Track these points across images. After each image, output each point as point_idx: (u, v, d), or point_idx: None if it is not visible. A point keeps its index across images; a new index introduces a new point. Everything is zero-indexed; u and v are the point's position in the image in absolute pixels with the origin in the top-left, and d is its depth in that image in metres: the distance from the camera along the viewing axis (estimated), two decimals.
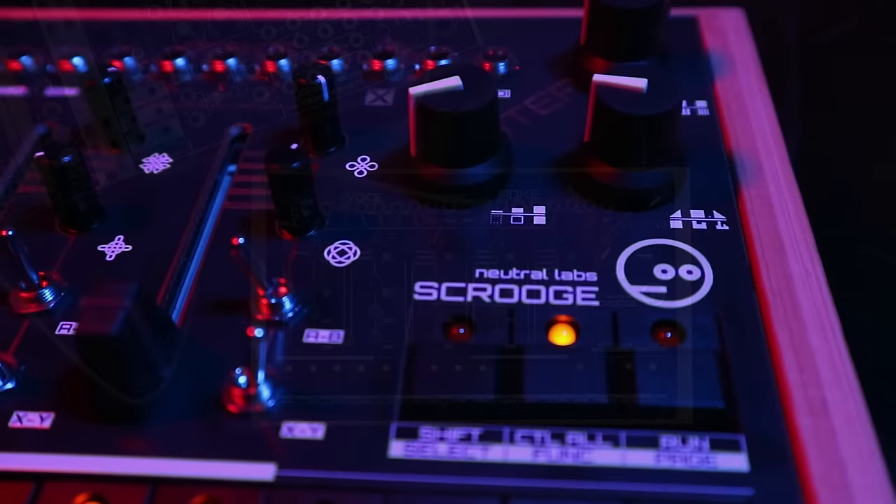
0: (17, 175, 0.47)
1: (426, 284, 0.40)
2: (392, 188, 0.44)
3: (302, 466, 0.33)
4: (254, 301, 0.39)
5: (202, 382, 0.37)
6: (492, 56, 0.52)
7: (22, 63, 0.53)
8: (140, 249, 0.42)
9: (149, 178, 0.46)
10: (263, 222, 0.43)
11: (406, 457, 0.34)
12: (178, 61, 0.53)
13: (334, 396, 0.36)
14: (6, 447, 0.34)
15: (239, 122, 0.49)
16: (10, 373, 0.37)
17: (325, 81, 0.44)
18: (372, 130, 0.48)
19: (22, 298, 0.39)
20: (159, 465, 0.34)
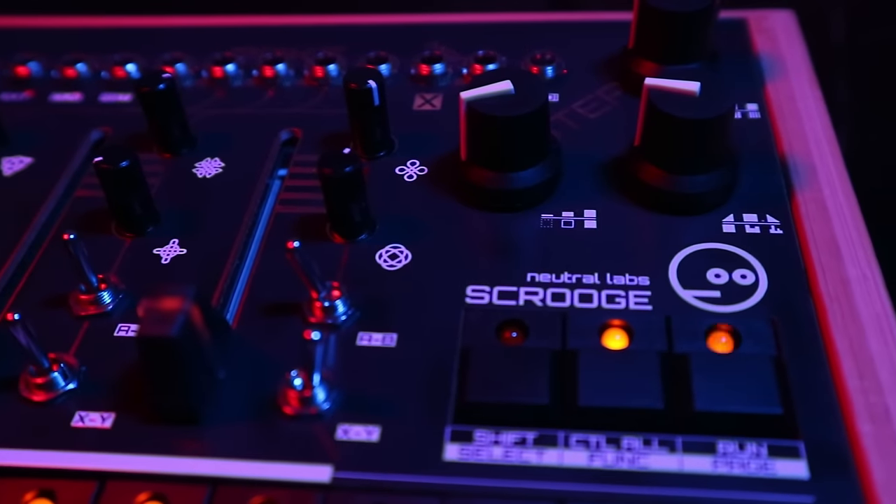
0: (74, 180, 0.48)
1: (478, 288, 0.40)
2: (442, 192, 0.45)
3: (358, 469, 0.34)
4: (307, 304, 0.39)
5: (257, 384, 0.37)
6: (539, 60, 0.52)
7: (77, 70, 0.54)
8: (194, 253, 0.43)
9: (201, 182, 0.47)
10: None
11: (461, 460, 0.34)
12: (228, 67, 0.53)
13: (388, 399, 0.36)
14: (70, 446, 0.35)
15: (289, 127, 0.50)
16: (72, 373, 0.37)
17: (376, 86, 0.44)
18: (420, 134, 0.48)
19: (81, 301, 0.40)
20: (218, 466, 0.34)
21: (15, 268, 0.43)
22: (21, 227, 0.45)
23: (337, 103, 0.51)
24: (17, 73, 0.55)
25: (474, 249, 0.42)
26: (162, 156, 0.48)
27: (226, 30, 0.57)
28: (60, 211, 0.46)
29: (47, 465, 0.35)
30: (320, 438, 0.35)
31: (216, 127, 0.50)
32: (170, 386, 0.35)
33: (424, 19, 0.57)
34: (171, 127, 0.47)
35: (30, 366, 0.37)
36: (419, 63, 0.52)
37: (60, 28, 0.58)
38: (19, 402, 0.37)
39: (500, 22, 0.56)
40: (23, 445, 0.35)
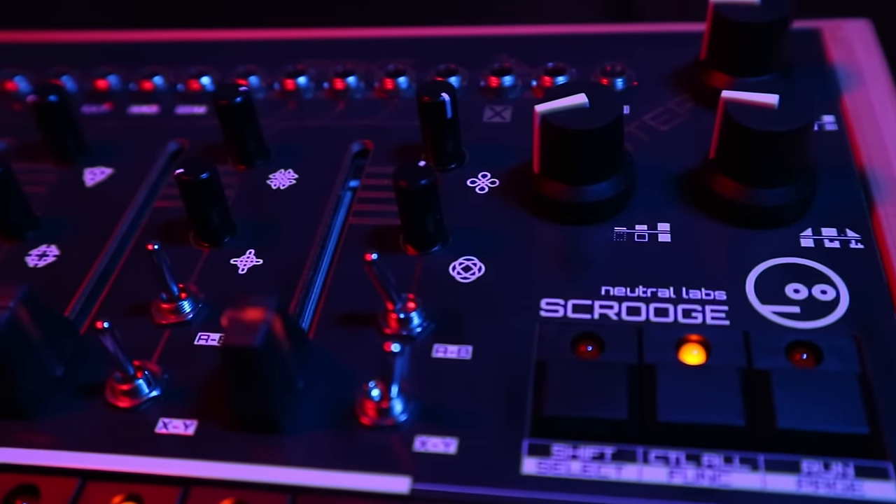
0: (152, 190, 0.49)
1: (552, 301, 0.40)
2: (514, 204, 0.45)
3: (436, 480, 0.34)
4: (382, 315, 0.40)
5: (334, 394, 0.38)
6: (609, 72, 0.52)
7: (154, 83, 0.56)
8: (270, 263, 0.44)
9: (275, 193, 0.48)
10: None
11: (539, 474, 0.34)
12: (300, 79, 0.54)
13: (465, 411, 0.36)
14: (154, 452, 0.36)
15: (360, 139, 0.51)
16: (155, 381, 0.38)
17: (449, 99, 0.45)
18: (491, 147, 0.49)
19: (163, 309, 0.41)
20: (298, 475, 0.35)
21: (98, 276, 0.44)
22: (103, 236, 0.46)
23: (407, 115, 0.51)
24: (97, 87, 0.56)
25: (547, 262, 0.42)
26: (237, 167, 0.49)
27: (297, 42, 0.58)
28: (140, 221, 0.47)
29: (134, 471, 0.35)
30: (398, 449, 0.35)
31: (289, 139, 0.51)
32: (252, 395, 0.35)
33: (492, 31, 0.57)
34: (246, 139, 0.48)
35: (116, 372, 0.38)
36: (488, 75, 0.53)
37: (138, 42, 0.60)
38: (105, 407, 0.38)
39: (568, 34, 0.56)
40: (110, 450, 0.36)
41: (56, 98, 0.49)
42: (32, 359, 0.37)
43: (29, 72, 0.58)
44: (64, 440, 0.37)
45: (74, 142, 0.51)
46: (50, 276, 0.44)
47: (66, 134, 0.50)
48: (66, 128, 0.50)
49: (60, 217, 0.48)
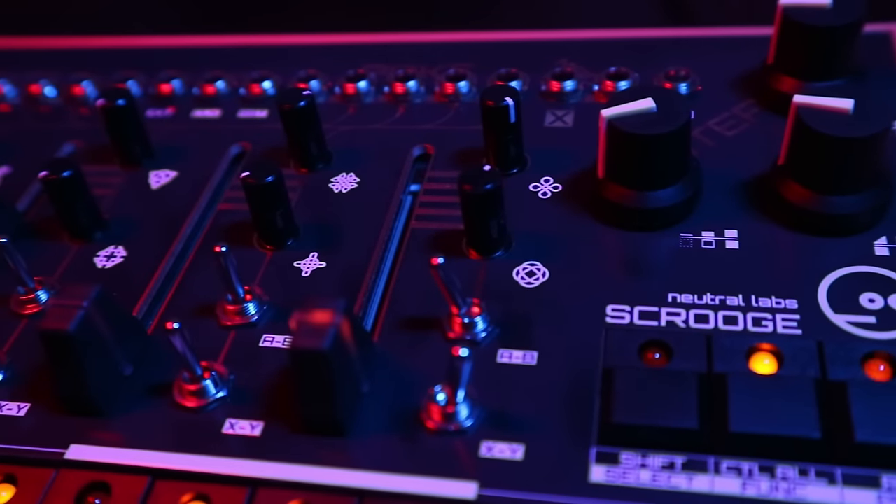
0: (216, 193, 0.50)
1: (618, 307, 0.39)
2: (577, 210, 0.44)
3: (503, 487, 0.34)
4: (447, 319, 0.40)
5: (399, 398, 0.37)
6: (673, 76, 0.51)
7: (216, 87, 0.56)
8: (333, 266, 0.44)
9: (337, 196, 0.48)
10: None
11: (607, 482, 0.33)
12: (360, 84, 0.54)
13: (531, 417, 0.36)
14: (221, 452, 0.36)
15: (420, 143, 0.51)
16: (222, 382, 0.39)
17: (513, 104, 0.45)
18: (553, 151, 0.48)
19: (228, 311, 0.42)
20: (364, 478, 0.35)
21: (164, 277, 0.45)
22: (169, 238, 0.47)
23: (467, 120, 0.51)
24: (161, 91, 0.57)
25: (612, 268, 0.41)
26: (299, 171, 0.50)
27: (357, 47, 0.58)
28: (204, 223, 0.48)
29: (202, 470, 0.36)
30: (463, 455, 0.35)
31: (350, 143, 0.51)
32: (319, 397, 0.35)
33: (553, 36, 0.57)
34: (308, 143, 0.49)
35: (184, 373, 0.38)
36: (549, 79, 0.52)
37: (200, 47, 0.61)
38: (173, 407, 0.38)
39: (629, 38, 0.56)
40: (178, 449, 0.37)
41: (124, 102, 0.49)
42: (104, 357, 0.38)
43: (95, 76, 0.59)
44: (133, 438, 0.37)
45: (140, 145, 0.51)
46: (117, 276, 0.45)
47: (133, 137, 0.51)
48: (133, 131, 0.51)
49: (127, 219, 0.48)
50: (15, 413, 0.39)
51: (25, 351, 0.42)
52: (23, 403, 0.39)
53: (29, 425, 0.38)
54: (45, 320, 0.37)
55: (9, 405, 0.39)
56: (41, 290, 0.44)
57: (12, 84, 0.59)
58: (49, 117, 0.57)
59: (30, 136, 0.56)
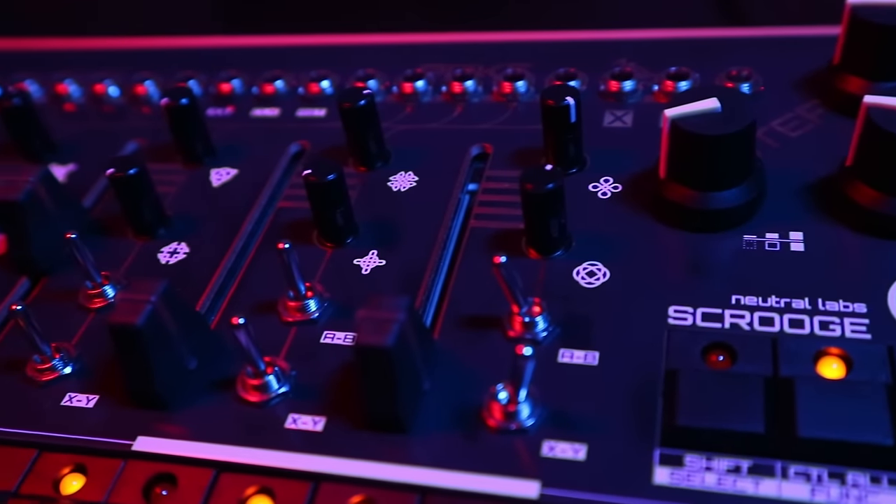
0: (276, 190, 0.50)
1: (680, 309, 0.39)
2: (637, 210, 0.44)
3: (565, 486, 0.34)
4: (507, 318, 0.40)
5: (459, 396, 0.38)
6: (735, 76, 0.50)
7: (275, 86, 0.57)
8: (393, 264, 0.44)
9: (396, 195, 0.48)
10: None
11: (672, 484, 0.33)
12: (418, 83, 0.55)
13: (593, 418, 0.36)
14: (284, 446, 0.37)
15: (478, 142, 0.51)
16: (284, 377, 0.39)
17: (574, 103, 0.44)
18: (612, 152, 0.48)
19: (290, 307, 0.42)
20: (426, 475, 0.35)
21: (226, 273, 0.46)
22: (230, 234, 0.48)
23: (526, 119, 0.51)
24: (221, 90, 0.58)
25: (674, 269, 0.41)
26: (358, 169, 0.50)
27: (415, 47, 0.58)
28: (265, 220, 0.48)
29: (265, 464, 0.36)
30: (525, 454, 0.35)
31: (408, 142, 0.51)
32: (382, 394, 0.35)
33: (610, 35, 0.57)
34: (368, 141, 0.49)
35: (247, 367, 0.39)
36: (608, 79, 0.52)
37: (259, 47, 0.62)
38: (236, 401, 0.39)
39: (689, 38, 0.55)
40: (241, 443, 0.37)
41: (187, 101, 0.50)
42: (169, 351, 0.38)
43: (157, 76, 0.60)
44: (198, 431, 0.38)
45: (202, 143, 0.52)
46: (180, 272, 0.46)
47: (195, 136, 0.52)
48: (195, 130, 0.52)
49: (189, 216, 0.49)
50: (84, 405, 0.40)
51: (93, 344, 0.43)
52: (91, 395, 0.40)
53: (97, 417, 0.39)
54: (114, 314, 0.37)
55: (78, 397, 0.40)
56: (108, 285, 0.45)
57: (78, 84, 0.61)
58: (113, 116, 0.58)
59: (94, 135, 0.57)
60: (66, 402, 0.40)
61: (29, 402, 0.40)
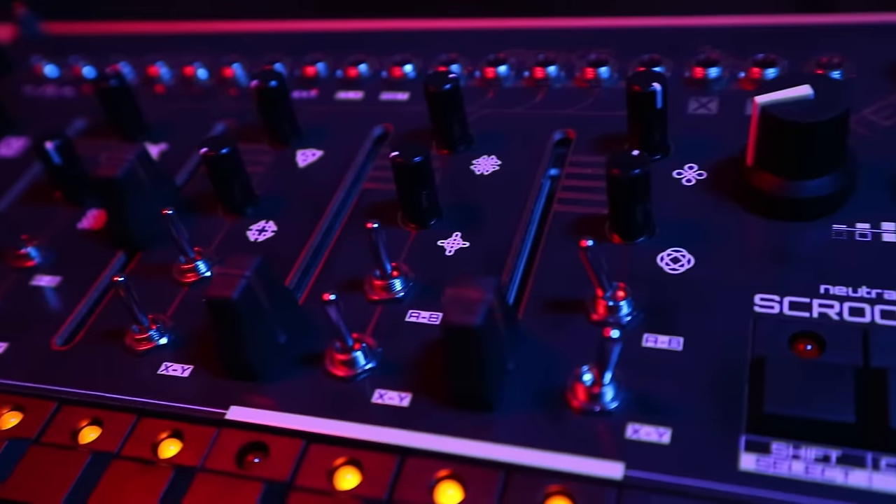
0: (360, 172, 0.51)
1: (766, 297, 0.39)
2: (723, 198, 0.44)
3: (650, 469, 0.34)
4: (591, 302, 0.40)
5: (542, 377, 0.38)
6: (825, 64, 0.50)
7: (359, 70, 0.58)
8: (476, 246, 0.45)
9: (479, 178, 0.49)
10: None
11: (758, 471, 0.33)
12: (500, 68, 0.55)
13: (677, 402, 0.36)
14: (370, 420, 0.38)
15: (560, 128, 0.51)
16: (371, 353, 0.40)
17: (661, 89, 0.44)
18: (697, 139, 0.48)
19: (376, 286, 0.43)
20: (511, 453, 0.35)
21: (312, 252, 0.47)
22: (316, 214, 0.49)
23: (608, 105, 0.51)
24: (306, 73, 0.59)
25: (760, 257, 0.41)
26: (440, 152, 0.51)
27: (498, 32, 0.59)
28: (350, 201, 0.49)
29: (353, 437, 0.37)
30: (609, 435, 0.35)
31: (490, 126, 0.52)
32: (468, 373, 0.36)
33: (695, 22, 0.56)
34: (452, 125, 0.50)
35: (336, 343, 0.40)
36: (693, 66, 0.52)
37: (344, 31, 0.63)
38: (324, 376, 0.40)
39: (776, 24, 0.54)
40: (329, 416, 0.38)
41: (276, 83, 0.52)
42: (262, 325, 0.40)
43: (245, 59, 0.61)
44: (287, 403, 0.39)
45: (289, 125, 0.53)
46: (268, 250, 0.47)
47: (283, 117, 0.53)
48: (283, 111, 0.53)
49: (276, 195, 0.50)
50: (179, 374, 0.41)
51: (186, 317, 0.44)
52: (186, 366, 0.42)
53: (192, 386, 0.41)
54: (210, 288, 0.39)
55: (174, 366, 0.42)
56: (200, 261, 0.46)
57: (168, 66, 0.63)
58: (201, 98, 0.60)
59: (184, 116, 0.59)
60: (163, 371, 0.42)
61: (128, 371, 0.42)
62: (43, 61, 0.66)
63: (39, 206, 0.53)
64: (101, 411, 0.40)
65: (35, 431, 0.40)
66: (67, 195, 0.53)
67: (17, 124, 0.61)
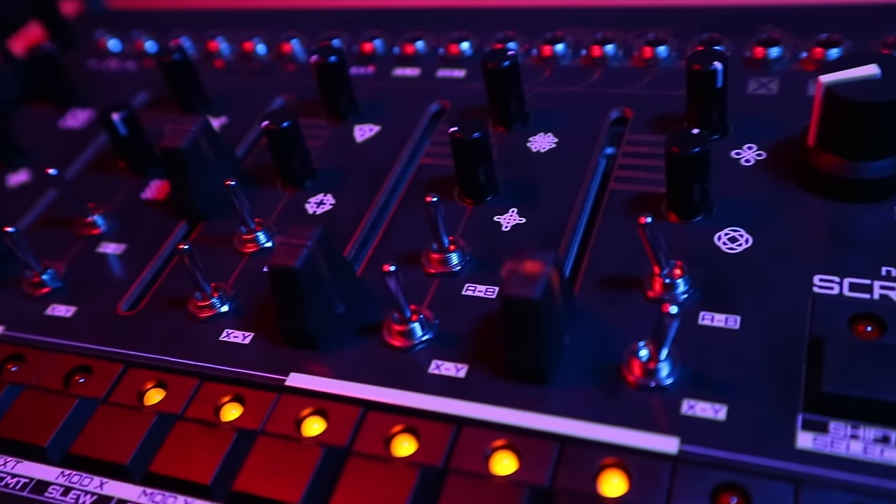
0: (416, 147, 0.52)
1: (826, 278, 0.39)
2: (782, 178, 0.44)
3: (705, 444, 0.34)
4: (648, 279, 0.40)
5: (597, 352, 0.38)
6: (892, 44, 0.49)
7: (416, 47, 0.58)
8: (532, 222, 0.45)
9: (535, 156, 0.49)
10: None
11: (815, 449, 0.33)
12: (557, 47, 0.55)
13: (733, 380, 0.36)
14: (427, 390, 0.38)
15: (617, 106, 0.51)
16: (428, 325, 0.41)
17: (721, 68, 0.44)
18: (756, 119, 0.47)
19: (433, 259, 0.44)
20: (566, 425, 0.36)
21: (370, 225, 0.48)
22: (373, 188, 0.49)
23: (666, 85, 0.51)
24: (363, 50, 0.60)
25: (820, 238, 0.40)
26: (497, 130, 0.51)
27: (555, 10, 0.59)
28: (406, 176, 0.50)
29: (410, 405, 0.38)
30: (663, 410, 0.36)
31: (547, 104, 0.52)
32: (525, 345, 0.37)
33: (756, 1, 0.55)
34: (509, 102, 0.50)
35: (394, 314, 0.40)
36: (754, 46, 0.51)
37: (401, 8, 0.63)
38: (382, 346, 0.41)
39: (839, 4, 0.54)
40: (386, 385, 0.39)
41: (336, 59, 0.52)
42: (321, 295, 0.41)
43: (303, 35, 0.62)
44: (345, 372, 0.40)
45: (347, 100, 0.54)
46: (326, 222, 0.48)
47: (341, 93, 0.54)
48: (341, 87, 0.54)
49: (334, 169, 0.51)
50: (241, 341, 0.42)
51: (247, 286, 0.45)
52: (247, 333, 0.43)
53: (253, 353, 0.42)
54: (273, 257, 0.40)
55: (235, 333, 0.43)
56: (261, 231, 0.47)
57: (227, 42, 0.64)
58: (260, 73, 0.61)
59: (243, 91, 0.60)
60: (224, 337, 0.43)
61: (190, 336, 0.43)
62: (107, 36, 0.67)
63: (104, 175, 0.55)
64: (166, 374, 0.42)
65: (103, 392, 0.41)
66: (131, 165, 0.54)
67: (81, 97, 0.62)
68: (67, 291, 0.48)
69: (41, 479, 0.39)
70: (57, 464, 0.39)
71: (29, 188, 0.56)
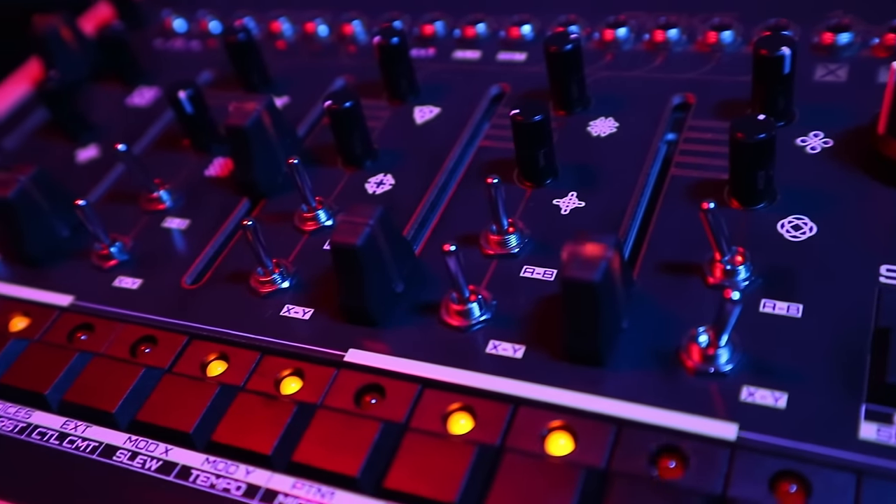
0: (476, 129, 0.52)
1: (893, 268, 0.38)
2: (850, 166, 0.43)
3: (764, 432, 0.34)
4: (708, 264, 0.40)
5: (656, 336, 0.38)
6: None
7: (476, 30, 0.58)
8: (592, 206, 0.45)
9: (595, 140, 0.49)
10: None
11: (879, 441, 0.33)
12: (619, 31, 0.55)
13: (794, 368, 0.36)
14: (484, 369, 0.39)
15: (679, 92, 0.50)
16: (486, 306, 0.41)
17: (790, 53, 0.43)
18: (823, 106, 0.47)
19: (491, 240, 0.44)
20: (622, 408, 0.36)
21: (429, 206, 0.48)
22: (433, 169, 0.50)
23: (730, 70, 0.51)
24: (424, 32, 0.60)
25: (888, 228, 0.40)
26: (557, 113, 0.51)
27: None
28: (466, 158, 0.50)
29: (467, 384, 0.38)
30: (722, 397, 0.36)
31: (608, 88, 0.52)
32: (585, 327, 0.37)
33: None
34: (570, 86, 0.50)
35: (453, 293, 0.41)
36: (822, 31, 0.50)
37: None
38: (440, 325, 0.41)
39: None
40: (443, 363, 0.40)
41: (398, 40, 0.53)
42: (382, 273, 0.41)
43: (364, 17, 0.63)
44: (403, 349, 0.41)
45: (407, 82, 0.54)
46: (386, 202, 0.49)
47: (402, 74, 0.54)
48: (403, 68, 0.54)
49: (394, 150, 0.52)
50: (301, 316, 0.43)
51: (307, 263, 0.46)
52: (307, 309, 0.43)
53: (312, 328, 0.43)
54: (335, 234, 0.40)
55: (295, 309, 0.44)
56: (321, 210, 0.48)
57: (290, 22, 0.64)
58: (321, 54, 0.62)
59: (304, 71, 0.60)
60: (285, 312, 0.44)
61: (252, 311, 0.44)
62: (172, 16, 0.69)
63: (169, 152, 0.56)
64: (228, 347, 0.42)
65: (168, 362, 0.42)
66: (195, 143, 0.55)
67: (148, 75, 0.64)
68: (134, 264, 0.49)
69: (110, 443, 0.40)
70: (124, 429, 0.41)
71: (98, 163, 0.58)
